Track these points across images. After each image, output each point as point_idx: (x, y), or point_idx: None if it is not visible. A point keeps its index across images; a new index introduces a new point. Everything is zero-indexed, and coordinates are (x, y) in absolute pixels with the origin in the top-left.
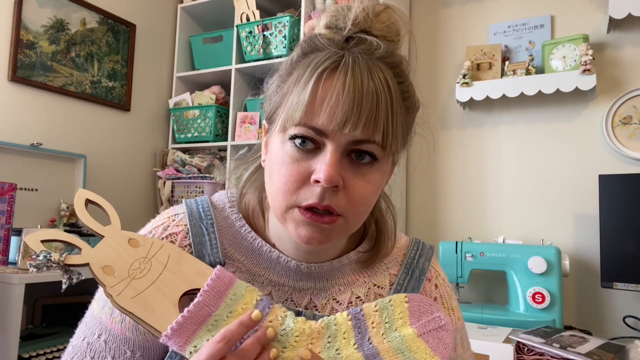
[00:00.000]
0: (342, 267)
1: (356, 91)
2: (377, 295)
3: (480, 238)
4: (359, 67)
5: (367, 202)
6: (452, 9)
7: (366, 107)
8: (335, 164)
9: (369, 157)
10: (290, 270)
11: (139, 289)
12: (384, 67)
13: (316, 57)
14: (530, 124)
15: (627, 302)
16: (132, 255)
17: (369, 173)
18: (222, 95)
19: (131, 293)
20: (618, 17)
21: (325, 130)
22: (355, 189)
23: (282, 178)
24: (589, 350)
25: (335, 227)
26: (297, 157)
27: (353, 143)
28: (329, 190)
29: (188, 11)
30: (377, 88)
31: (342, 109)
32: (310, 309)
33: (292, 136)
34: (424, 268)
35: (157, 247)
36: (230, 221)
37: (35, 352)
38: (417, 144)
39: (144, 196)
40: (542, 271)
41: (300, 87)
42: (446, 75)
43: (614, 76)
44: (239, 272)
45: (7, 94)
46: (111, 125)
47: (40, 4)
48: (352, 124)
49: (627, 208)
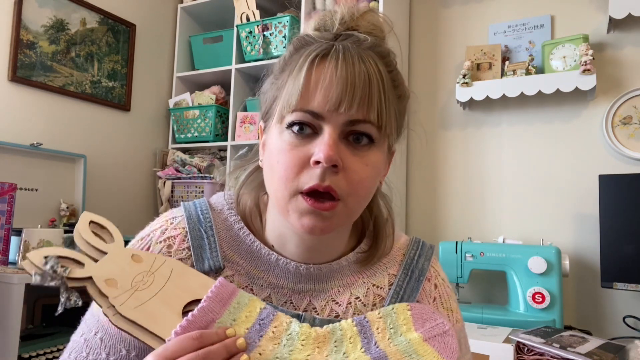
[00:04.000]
0: (341, 269)
1: (348, 72)
2: (376, 295)
3: (480, 238)
4: (349, 53)
5: (366, 185)
6: (452, 9)
7: (359, 86)
8: (333, 143)
9: (366, 138)
10: (289, 272)
11: (143, 299)
12: (373, 55)
13: (308, 48)
14: (530, 124)
15: (627, 302)
16: (135, 270)
17: (367, 155)
18: (222, 95)
19: (134, 303)
20: (618, 17)
21: (321, 112)
22: (354, 170)
23: (282, 165)
24: (589, 350)
25: (335, 213)
26: (295, 143)
27: (349, 123)
28: (329, 170)
29: (188, 11)
30: (368, 70)
31: (337, 89)
32: (310, 311)
33: (289, 124)
34: (424, 268)
35: (160, 262)
36: (229, 223)
37: (35, 352)
38: (417, 143)
39: (144, 196)
40: (542, 271)
41: (294, 75)
42: (446, 75)
43: (614, 76)
44: (238, 275)
45: (7, 94)
46: (111, 125)
47: (40, 4)
48: (347, 103)
49: (627, 208)
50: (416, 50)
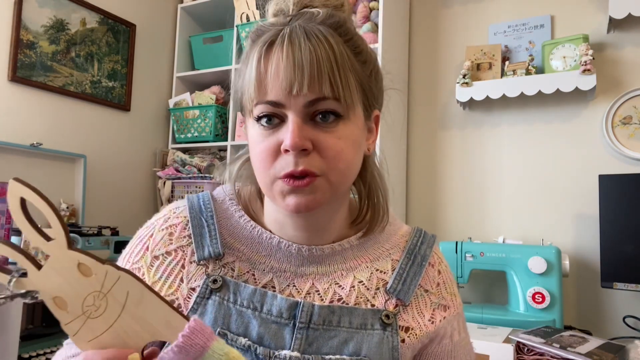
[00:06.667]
0: (344, 252)
1: (295, 55)
2: (380, 279)
3: (480, 238)
4: (295, 35)
5: (344, 157)
6: (452, 9)
7: (307, 67)
8: (297, 129)
9: (332, 115)
10: (292, 255)
11: (96, 331)
12: (324, 29)
13: (260, 39)
14: (530, 124)
15: (627, 302)
16: (84, 288)
17: (337, 130)
18: (222, 95)
19: (88, 335)
20: (618, 17)
21: (279, 100)
22: (328, 147)
23: (257, 157)
24: (589, 350)
25: (317, 187)
26: (266, 134)
27: (309, 105)
28: (299, 155)
29: (188, 11)
30: (315, 48)
31: (285, 74)
32: (312, 294)
33: (256, 117)
34: (426, 254)
35: (112, 279)
36: (230, 212)
37: (35, 352)
38: (417, 143)
39: (144, 196)
40: (542, 271)
41: (249, 68)
42: (446, 75)
43: (614, 76)
44: (239, 261)
45: (7, 94)
46: (111, 125)
47: (40, 4)
48: (298, 86)
49: (627, 208)
50: (416, 50)
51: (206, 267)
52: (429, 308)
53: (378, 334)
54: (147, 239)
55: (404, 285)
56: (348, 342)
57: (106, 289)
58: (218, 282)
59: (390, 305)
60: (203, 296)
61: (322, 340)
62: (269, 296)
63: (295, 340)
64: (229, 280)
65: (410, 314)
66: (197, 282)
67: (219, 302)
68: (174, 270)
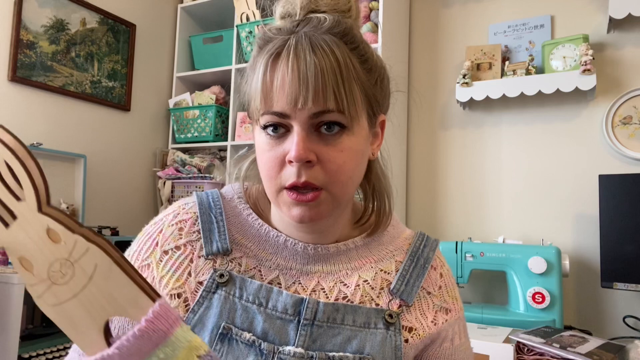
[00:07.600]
0: (349, 251)
1: (300, 68)
2: (384, 279)
3: (480, 238)
4: (301, 46)
5: (346, 170)
6: (452, 9)
7: (311, 80)
8: (301, 141)
9: (336, 126)
10: (298, 253)
11: (60, 298)
12: (330, 39)
13: (267, 47)
14: (530, 124)
15: (627, 302)
16: (51, 252)
17: (340, 142)
18: (222, 95)
19: (52, 300)
20: (618, 17)
21: (284, 111)
22: (330, 160)
23: (264, 165)
24: (589, 350)
25: (321, 201)
26: (272, 143)
27: (313, 116)
28: (303, 166)
29: (188, 11)
30: (320, 60)
31: (291, 87)
32: (318, 292)
33: (263, 126)
34: (429, 257)
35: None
36: (238, 210)
37: (35, 352)
38: (417, 143)
39: (144, 196)
40: (542, 271)
41: (256, 78)
42: (446, 75)
43: (614, 76)
44: (246, 257)
45: (7, 94)
46: (111, 125)
47: (40, 4)
48: (303, 99)
49: (627, 208)
50: (416, 50)
51: (214, 261)
52: (432, 310)
53: (381, 332)
54: (157, 234)
55: (407, 287)
56: (351, 340)
57: (74, 259)
58: (225, 276)
59: (393, 305)
60: (209, 290)
61: (326, 337)
62: (274, 292)
63: (300, 336)
64: (236, 276)
65: (414, 314)
66: (204, 276)
67: (224, 296)
68: (182, 264)
